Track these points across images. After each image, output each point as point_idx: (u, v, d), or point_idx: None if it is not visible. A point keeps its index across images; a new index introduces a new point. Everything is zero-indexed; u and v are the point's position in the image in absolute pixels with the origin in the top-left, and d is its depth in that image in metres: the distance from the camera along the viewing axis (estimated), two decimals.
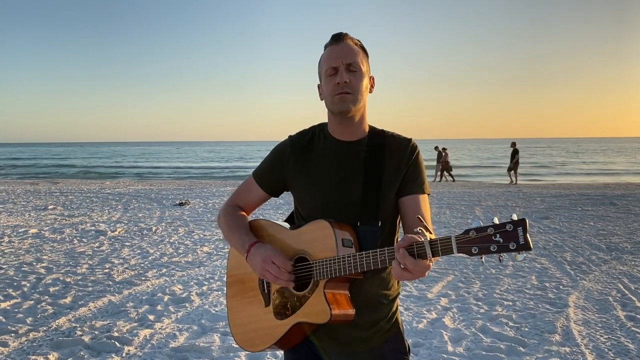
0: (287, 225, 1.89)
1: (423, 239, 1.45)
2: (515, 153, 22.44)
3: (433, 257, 1.43)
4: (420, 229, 1.47)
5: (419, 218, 1.52)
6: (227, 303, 1.98)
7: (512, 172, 23.08)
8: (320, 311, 1.67)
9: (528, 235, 1.35)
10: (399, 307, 1.94)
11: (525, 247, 1.35)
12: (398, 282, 1.89)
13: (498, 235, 1.38)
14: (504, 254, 1.38)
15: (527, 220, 1.37)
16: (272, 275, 1.70)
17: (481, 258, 1.41)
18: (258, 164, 1.99)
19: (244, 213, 1.96)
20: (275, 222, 1.90)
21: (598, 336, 4.46)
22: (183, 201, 14.82)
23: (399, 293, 1.89)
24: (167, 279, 6.35)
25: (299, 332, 1.77)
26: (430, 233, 1.49)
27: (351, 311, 1.72)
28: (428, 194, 1.84)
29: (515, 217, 1.38)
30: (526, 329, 4.62)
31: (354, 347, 1.81)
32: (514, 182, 23.01)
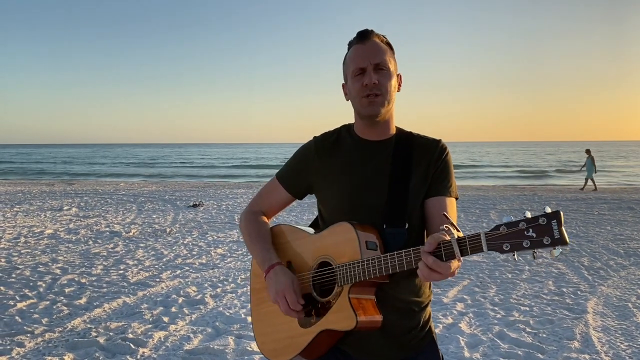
0: (310, 230, 1.83)
1: (450, 238, 1.36)
2: None
3: (462, 255, 1.35)
4: (446, 227, 1.38)
5: (444, 215, 1.44)
6: (251, 312, 1.91)
7: None
8: (345, 317, 1.58)
9: (563, 228, 1.26)
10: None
11: (561, 241, 1.26)
12: (429, 287, 1.81)
13: (531, 230, 1.28)
14: (539, 249, 1.29)
15: (561, 213, 1.28)
16: (282, 308, 1.67)
17: (513, 255, 1.32)
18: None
19: (265, 219, 1.90)
20: (298, 227, 1.84)
21: (618, 343, 4.37)
22: (197, 203, 14.88)
23: (430, 300, 1.81)
24: (181, 280, 6.35)
25: (325, 340, 1.68)
26: (458, 231, 1.41)
27: (378, 317, 1.63)
28: (456, 198, 1.76)
29: (548, 210, 1.29)
30: (544, 335, 4.55)
31: (387, 357, 1.73)
32: None
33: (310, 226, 1.90)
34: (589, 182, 21.08)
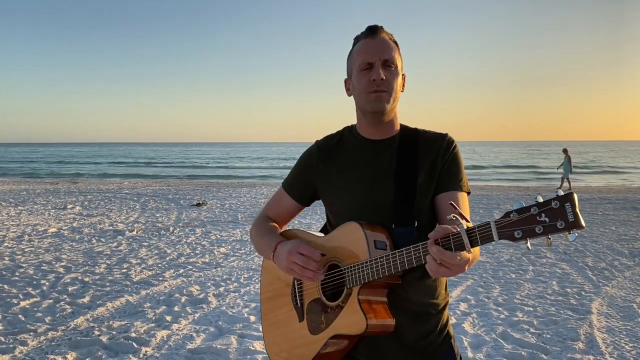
0: (321, 235, 1.76)
1: (459, 228, 1.30)
2: None
3: (472, 246, 1.28)
4: (453, 216, 1.31)
5: (451, 204, 1.38)
6: (262, 322, 1.86)
7: None
8: (355, 321, 1.51)
9: (578, 210, 1.19)
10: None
11: (576, 224, 1.18)
12: (445, 288, 1.73)
13: (543, 215, 1.21)
14: (553, 235, 1.21)
15: (575, 195, 1.21)
16: (299, 266, 1.56)
17: (526, 243, 1.25)
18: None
19: (275, 224, 1.86)
20: (308, 231, 1.79)
21: (623, 344, 4.35)
22: (200, 202, 14.89)
23: (447, 302, 1.73)
24: (185, 279, 6.35)
25: (336, 347, 1.61)
26: (467, 221, 1.34)
27: (390, 321, 1.56)
28: (468, 193, 1.67)
29: (561, 193, 1.22)
30: (548, 336, 4.53)
31: None
32: None
33: (320, 232, 1.85)
34: (565, 182, 21.06)
